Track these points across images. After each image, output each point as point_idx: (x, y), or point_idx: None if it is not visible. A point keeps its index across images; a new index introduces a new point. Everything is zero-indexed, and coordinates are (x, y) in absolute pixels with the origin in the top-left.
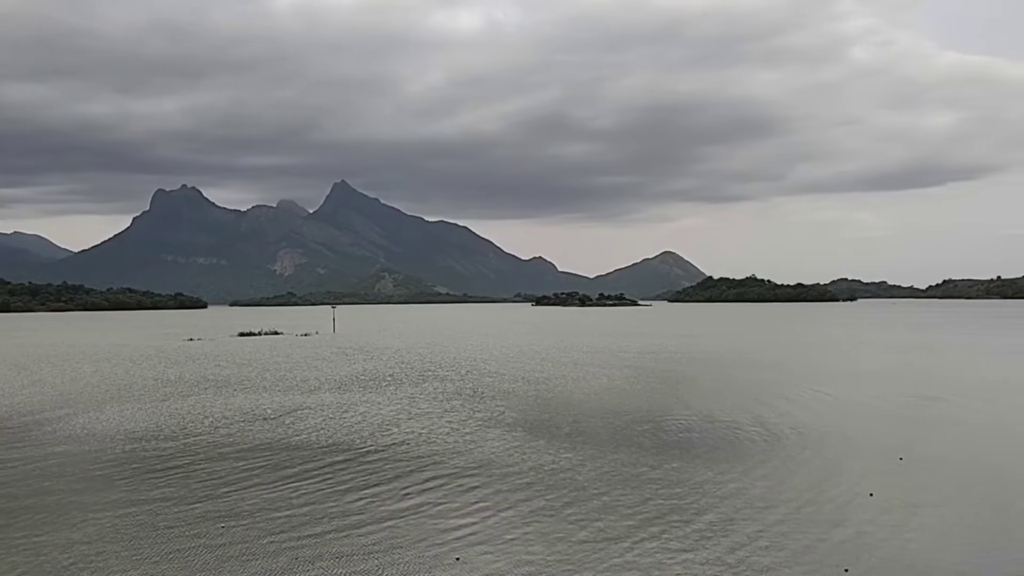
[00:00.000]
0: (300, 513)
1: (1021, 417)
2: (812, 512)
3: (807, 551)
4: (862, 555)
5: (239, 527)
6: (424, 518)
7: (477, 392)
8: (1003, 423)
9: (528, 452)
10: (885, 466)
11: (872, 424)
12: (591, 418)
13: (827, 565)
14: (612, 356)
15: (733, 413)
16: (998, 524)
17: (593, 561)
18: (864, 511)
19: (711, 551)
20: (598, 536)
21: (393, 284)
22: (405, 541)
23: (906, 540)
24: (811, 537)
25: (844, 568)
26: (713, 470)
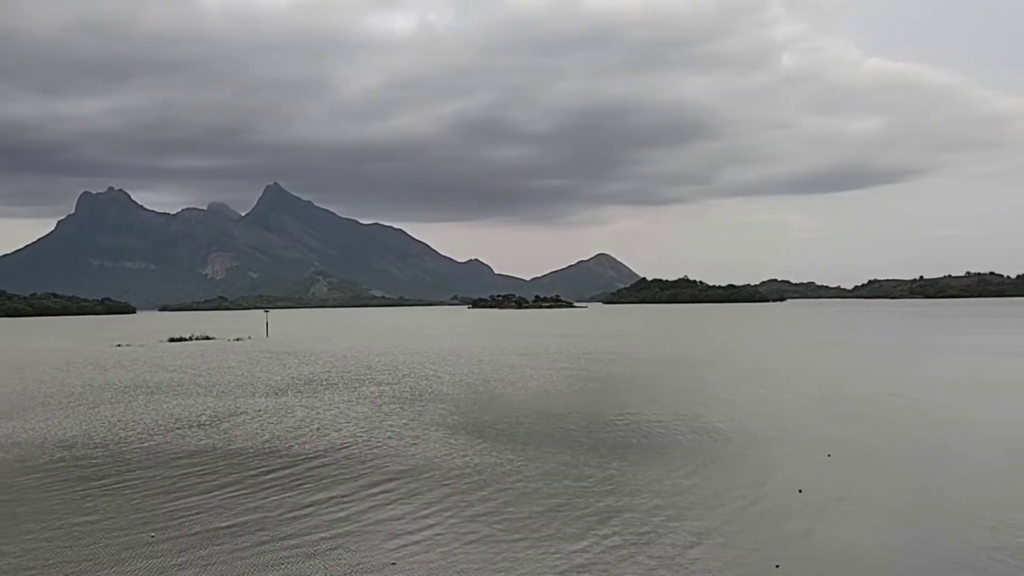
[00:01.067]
0: (236, 521)
1: (941, 412)
2: (743, 510)
3: (739, 549)
4: (792, 551)
5: (175, 536)
6: (362, 523)
7: (416, 395)
8: (924, 417)
9: (470, 454)
10: (814, 463)
11: (801, 422)
12: (532, 419)
13: (758, 562)
14: (549, 358)
15: (668, 413)
16: (922, 516)
17: (532, 563)
18: (794, 507)
19: (644, 550)
20: (539, 538)
21: (328, 288)
22: (341, 547)
23: (834, 534)
24: (742, 535)
25: (775, 564)
26: (648, 469)
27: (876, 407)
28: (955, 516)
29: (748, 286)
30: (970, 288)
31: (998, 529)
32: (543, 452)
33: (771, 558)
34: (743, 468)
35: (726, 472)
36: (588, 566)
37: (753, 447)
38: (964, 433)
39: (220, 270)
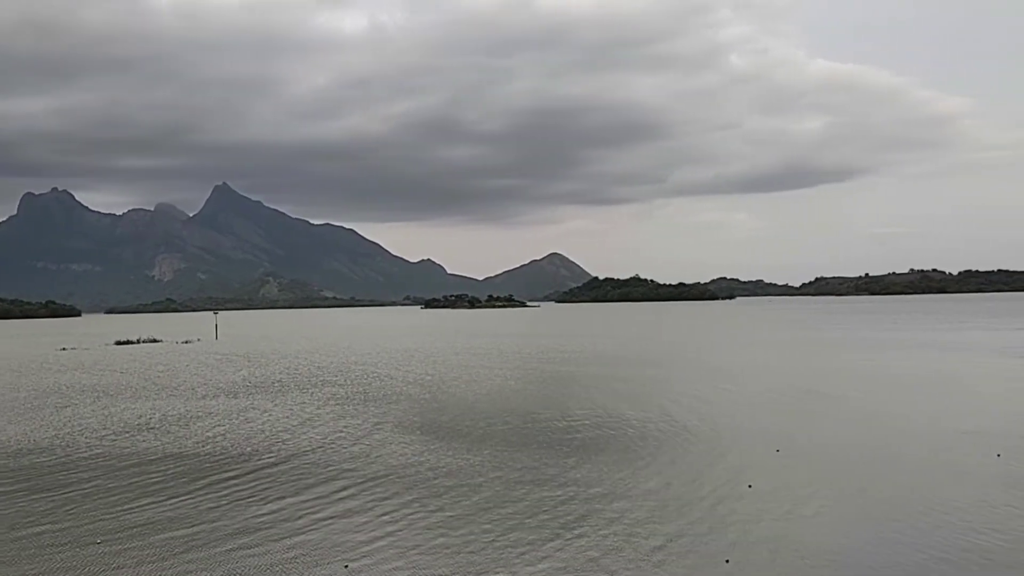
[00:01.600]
0: (189, 528)
1: (886, 407)
2: (694, 505)
3: (689, 544)
4: (742, 544)
5: (126, 547)
6: (318, 528)
7: (371, 397)
8: (870, 413)
9: (427, 456)
10: (763, 458)
11: (751, 418)
12: (489, 420)
13: (708, 556)
14: (504, 358)
15: (621, 411)
16: (868, 509)
17: (488, 564)
18: (743, 502)
19: (595, 543)
20: (494, 538)
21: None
22: (295, 551)
23: (783, 528)
24: (693, 529)
25: (725, 559)
26: (601, 466)
27: (823, 403)
28: (900, 508)
29: (698, 284)
30: (913, 285)
31: (940, 520)
32: (501, 452)
33: (721, 552)
34: (694, 464)
35: (677, 468)
36: (542, 563)
37: (704, 443)
38: (909, 428)
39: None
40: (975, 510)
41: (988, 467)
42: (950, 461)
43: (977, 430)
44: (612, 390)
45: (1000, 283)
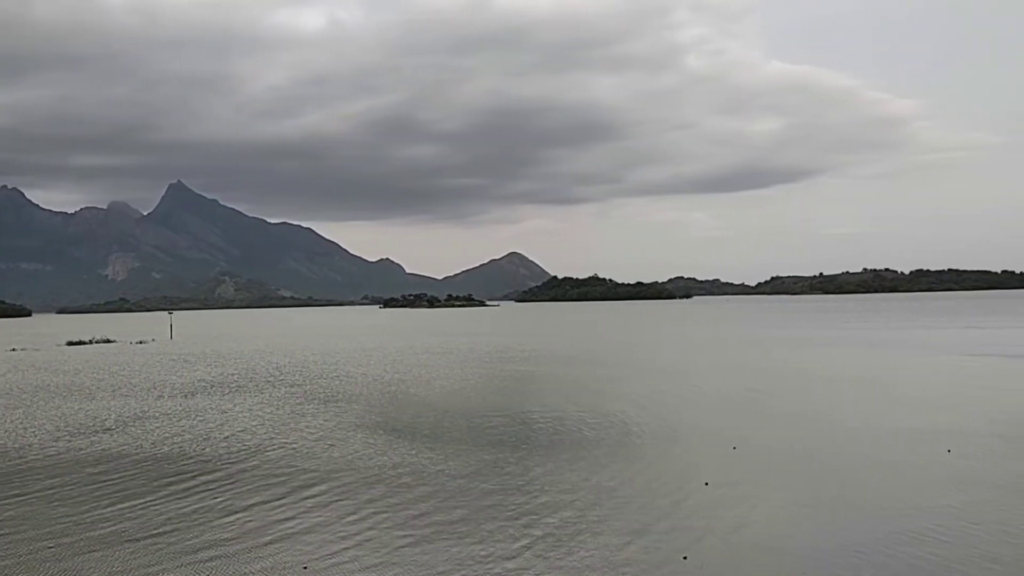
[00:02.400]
0: (145, 531)
1: (839, 405)
2: (652, 502)
3: (647, 541)
4: (699, 541)
5: (82, 550)
6: (277, 527)
7: (330, 396)
8: (823, 410)
9: (388, 455)
10: (719, 456)
11: (707, 416)
12: (449, 419)
13: (666, 553)
14: (463, 357)
15: (578, 410)
16: (823, 505)
17: (446, 564)
18: (700, 500)
19: (554, 543)
20: (453, 538)
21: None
22: (254, 551)
23: (739, 525)
24: (651, 527)
25: (683, 556)
26: (559, 465)
27: (777, 401)
28: (855, 504)
29: (656, 283)
30: (866, 284)
31: (895, 516)
32: (460, 452)
33: (679, 549)
34: (651, 462)
35: (635, 466)
36: (501, 562)
37: (661, 442)
38: (862, 425)
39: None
40: (928, 505)
41: (939, 463)
42: (902, 457)
43: (927, 427)
44: (570, 390)
45: (950, 282)
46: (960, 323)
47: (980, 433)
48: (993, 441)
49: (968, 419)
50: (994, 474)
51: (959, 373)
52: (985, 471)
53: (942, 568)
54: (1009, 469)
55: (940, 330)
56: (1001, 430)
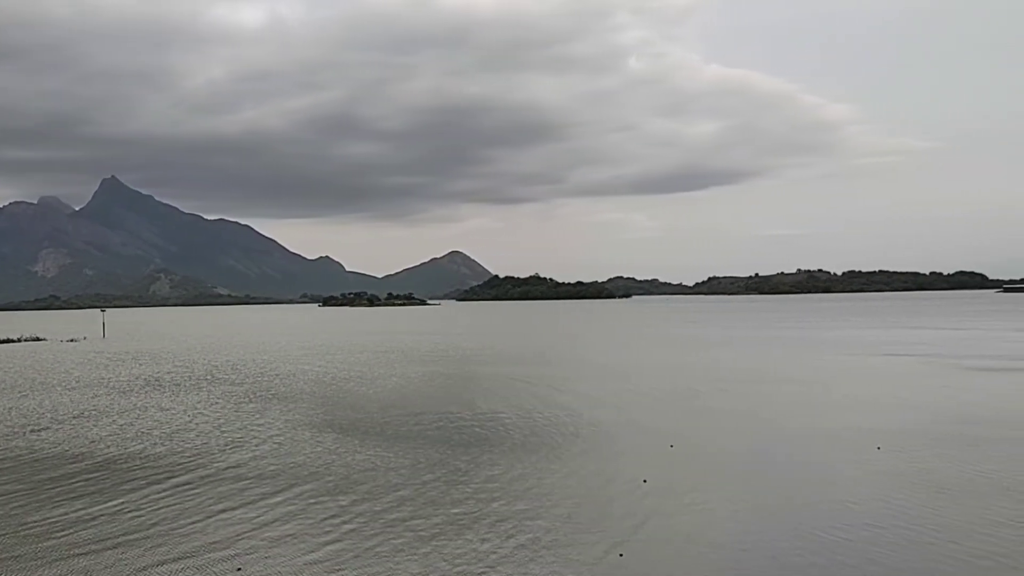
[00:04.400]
0: (78, 532)
1: (772, 403)
2: (590, 501)
3: (585, 539)
4: (636, 539)
5: (14, 554)
6: (214, 528)
7: (269, 394)
8: (757, 409)
9: (331, 454)
10: (657, 454)
11: (646, 415)
12: (390, 418)
13: (603, 550)
14: (404, 356)
15: (522, 409)
16: (758, 502)
17: (384, 564)
18: (638, 497)
19: (494, 541)
20: (391, 537)
21: (170, 286)
22: (187, 553)
23: (676, 522)
24: (589, 525)
25: (619, 553)
26: (499, 464)
27: (713, 400)
28: (789, 500)
29: (596, 283)
30: (800, 284)
31: (828, 511)
32: (399, 451)
33: (616, 547)
34: (591, 460)
35: (574, 464)
36: (441, 560)
37: (600, 440)
38: (795, 423)
39: (52, 267)
40: (859, 500)
41: (870, 459)
42: (834, 454)
43: (857, 424)
44: (511, 389)
45: (880, 283)
46: (889, 324)
47: (908, 431)
48: (920, 439)
49: (897, 417)
50: (920, 471)
51: (888, 372)
52: (912, 468)
53: (871, 562)
54: (934, 466)
55: (870, 330)
56: (928, 428)
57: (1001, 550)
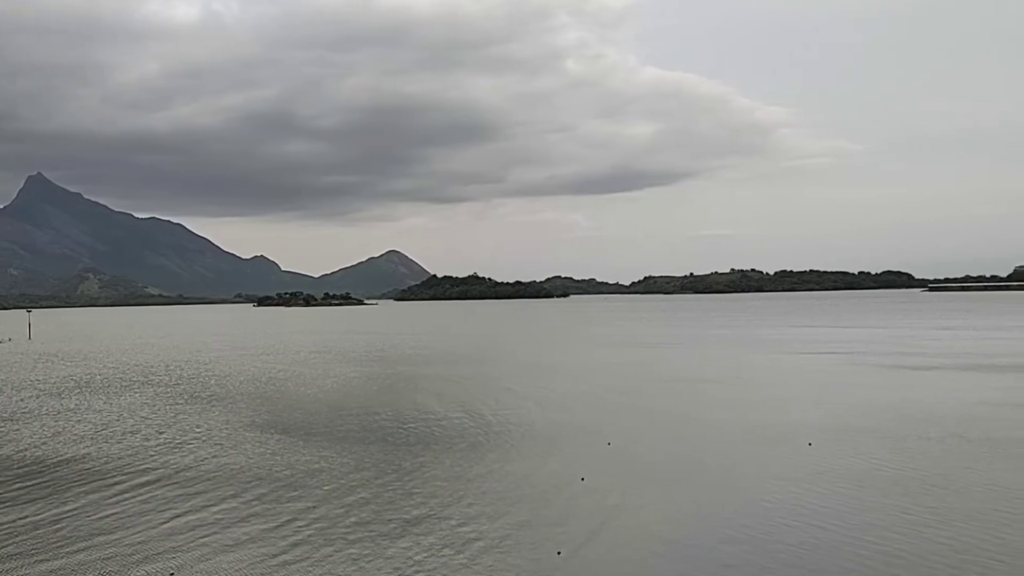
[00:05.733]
0: (12, 534)
1: (707, 400)
2: (530, 499)
3: (524, 536)
4: (574, 536)
5: None
6: (148, 533)
7: (207, 396)
8: (691, 406)
9: (274, 455)
10: (595, 452)
11: (584, 414)
12: (326, 418)
13: (541, 548)
14: (343, 356)
15: (462, 408)
16: (693, 499)
17: (318, 567)
18: (577, 495)
19: (433, 540)
20: (328, 539)
21: (99, 286)
22: (121, 559)
23: (614, 519)
24: (528, 523)
25: (558, 551)
26: (438, 463)
27: (651, 398)
28: (723, 496)
29: (534, 283)
30: (734, 283)
31: (762, 506)
32: (339, 451)
33: (554, 544)
34: (530, 459)
35: (513, 463)
36: (377, 561)
37: (540, 439)
38: (729, 420)
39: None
40: (792, 496)
41: (802, 455)
42: (768, 451)
43: (790, 421)
44: (452, 388)
45: (811, 283)
46: (820, 323)
47: (838, 428)
48: (848, 435)
49: (827, 414)
50: (848, 465)
51: (819, 370)
52: (840, 463)
53: (804, 557)
54: (862, 462)
55: (801, 329)
56: (857, 424)
57: (927, 545)
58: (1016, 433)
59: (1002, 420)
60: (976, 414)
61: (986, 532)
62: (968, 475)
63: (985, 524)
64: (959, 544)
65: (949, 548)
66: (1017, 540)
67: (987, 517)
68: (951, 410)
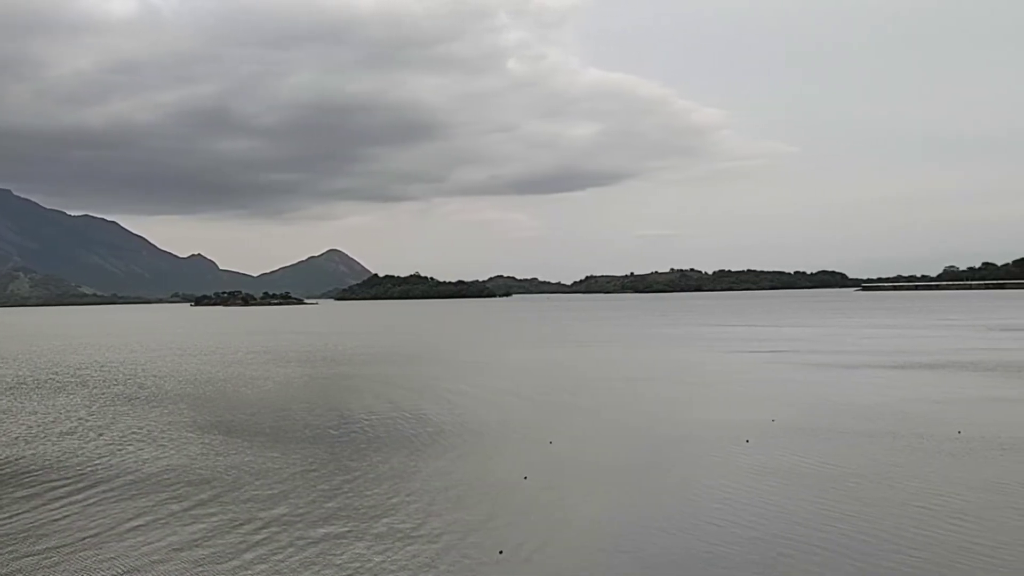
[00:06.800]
0: None
1: (647, 398)
2: (471, 499)
3: (465, 536)
4: (516, 535)
5: None
6: (89, 536)
7: (146, 396)
8: (631, 404)
9: (218, 455)
10: (537, 450)
11: (526, 413)
12: (271, 419)
13: (484, 548)
14: (283, 357)
15: (402, 408)
16: (634, 496)
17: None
18: (519, 494)
19: (374, 543)
20: (263, 542)
21: (29, 285)
22: (62, 564)
23: (557, 518)
24: (470, 523)
25: (499, 550)
26: (381, 465)
27: (593, 396)
28: (665, 493)
29: (477, 282)
30: (673, 283)
31: (701, 502)
32: (276, 453)
33: (496, 544)
34: (472, 458)
35: (455, 463)
36: (315, 564)
37: (482, 438)
38: (668, 418)
39: None
40: (731, 490)
41: (739, 452)
42: (706, 448)
43: (728, 419)
44: (392, 388)
45: (749, 282)
46: (757, 321)
47: (774, 425)
48: (785, 432)
49: (764, 412)
50: (784, 461)
51: (755, 368)
52: (777, 459)
53: (742, 553)
54: (797, 457)
55: (739, 328)
56: (792, 421)
57: (860, 536)
58: (943, 429)
59: (934, 416)
60: (907, 411)
61: (915, 524)
62: (898, 470)
63: (914, 516)
64: (890, 536)
65: (880, 539)
66: (942, 531)
67: (916, 510)
68: (883, 407)
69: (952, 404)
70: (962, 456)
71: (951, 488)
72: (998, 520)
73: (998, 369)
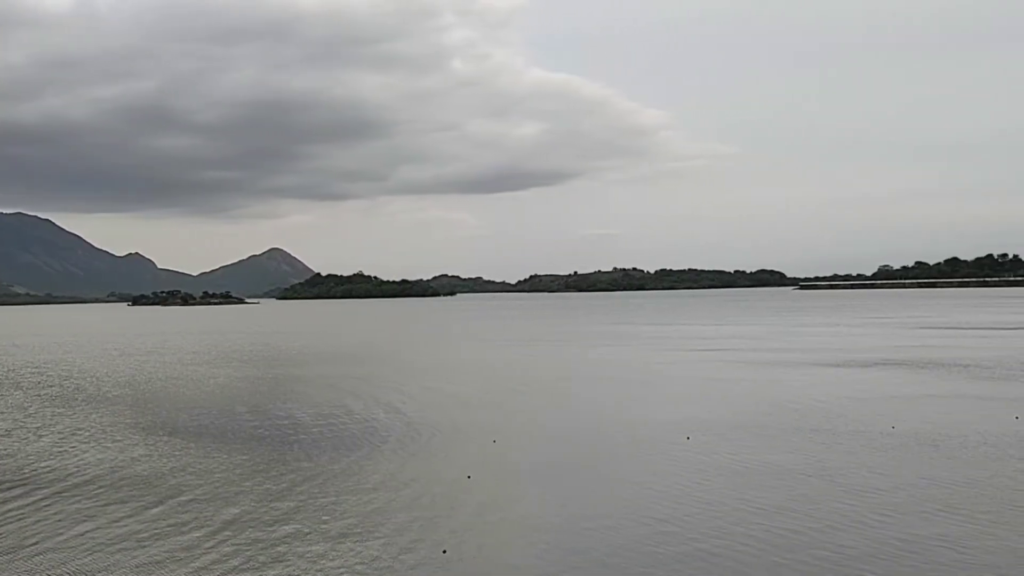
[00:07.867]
0: None
1: (590, 397)
2: (414, 498)
3: (408, 536)
4: (460, 534)
5: None
6: (29, 542)
7: (84, 397)
8: (575, 403)
9: (163, 457)
10: (481, 450)
11: (470, 412)
12: (206, 419)
13: (426, 547)
14: (223, 357)
15: (344, 409)
16: (579, 495)
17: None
18: (463, 493)
19: (315, 545)
20: (208, 549)
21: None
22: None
23: (501, 517)
24: (412, 522)
25: (443, 549)
26: (323, 466)
27: (535, 395)
28: (608, 491)
29: (421, 281)
30: (616, 282)
31: (643, 498)
32: (216, 454)
33: (439, 543)
34: (416, 459)
35: (398, 463)
36: (258, 568)
37: (424, 438)
38: (611, 416)
39: None
40: (672, 487)
41: (680, 448)
42: (648, 445)
43: (669, 417)
44: (334, 389)
45: (690, 281)
46: (697, 320)
47: (713, 422)
48: (725, 429)
49: (704, 410)
50: (724, 459)
51: (695, 366)
52: (717, 456)
53: (682, 542)
54: (738, 454)
55: (680, 326)
56: (731, 419)
57: (800, 529)
58: (880, 425)
59: (869, 413)
60: (844, 407)
61: (850, 517)
62: (838, 465)
63: (849, 509)
64: (827, 528)
65: (819, 532)
66: (876, 523)
67: (855, 503)
68: (821, 404)
69: (886, 401)
70: (895, 451)
71: (885, 482)
72: (928, 511)
73: (928, 367)
